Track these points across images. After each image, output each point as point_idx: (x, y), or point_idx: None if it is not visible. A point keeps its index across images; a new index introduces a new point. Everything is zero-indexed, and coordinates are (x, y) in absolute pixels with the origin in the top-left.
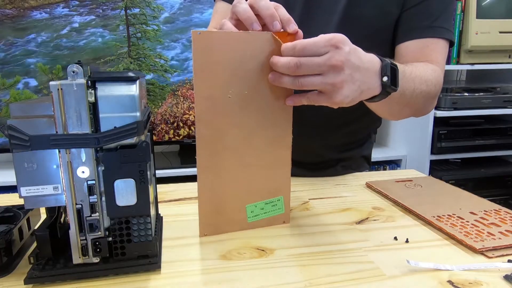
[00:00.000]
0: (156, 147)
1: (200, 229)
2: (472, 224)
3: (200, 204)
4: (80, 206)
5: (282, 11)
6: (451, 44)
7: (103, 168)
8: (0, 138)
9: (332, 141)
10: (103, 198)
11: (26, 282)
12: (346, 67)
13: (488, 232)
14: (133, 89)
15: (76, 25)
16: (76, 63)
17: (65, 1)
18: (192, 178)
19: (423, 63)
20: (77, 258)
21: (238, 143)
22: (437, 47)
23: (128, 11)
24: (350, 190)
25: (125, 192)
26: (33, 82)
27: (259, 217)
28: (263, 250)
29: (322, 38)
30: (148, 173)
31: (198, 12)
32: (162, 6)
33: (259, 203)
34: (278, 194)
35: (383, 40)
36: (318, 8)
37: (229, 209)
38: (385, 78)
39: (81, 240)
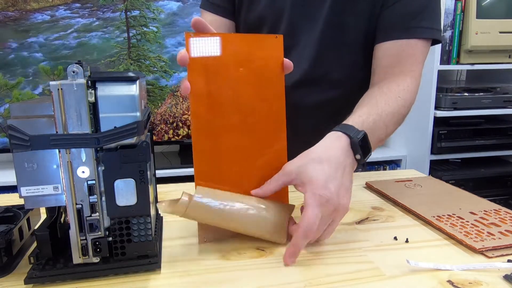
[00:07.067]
0: (156, 147)
1: (199, 236)
2: (472, 224)
3: None
4: (80, 206)
5: None
6: (437, 41)
7: (103, 168)
8: (0, 138)
9: None
10: (103, 198)
11: (26, 282)
12: (341, 206)
13: (488, 232)
14: (133, 89)
15: (77, 27)
16: (76, 63)
17: (67, 3)
18: (192, 178)
19: (394, 87)
20: (77, 258)
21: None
22: (415, 50)
23: (128, 13)
24: None
25: (125, 192)
26: (34, 83)
27: None
28: (263, 250)
29: (315, 216)
30: (148, 173)
31: (197, 12)
32: (161, 8)
33: None
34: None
35: (367, 44)
36: (302, 16)
37: None
38: (358, 156)
39: (81, 240)
